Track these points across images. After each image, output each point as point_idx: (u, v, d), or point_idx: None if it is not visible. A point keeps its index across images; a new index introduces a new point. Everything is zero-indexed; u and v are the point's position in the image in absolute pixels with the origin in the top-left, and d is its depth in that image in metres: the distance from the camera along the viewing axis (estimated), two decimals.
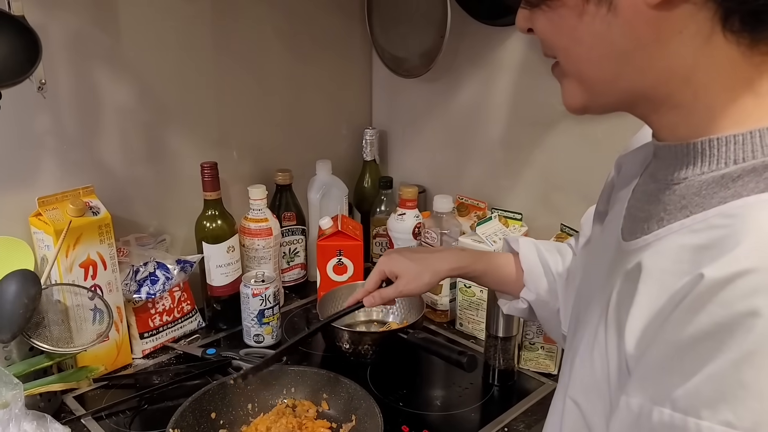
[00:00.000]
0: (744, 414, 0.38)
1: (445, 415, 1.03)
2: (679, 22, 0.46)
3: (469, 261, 0.90)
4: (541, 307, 0.87)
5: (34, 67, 0.69)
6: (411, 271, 0.90)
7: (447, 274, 0.91)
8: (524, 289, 0.88)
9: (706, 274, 0.41)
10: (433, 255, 0.91)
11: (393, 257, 0.93)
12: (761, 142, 0.46)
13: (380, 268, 0.93)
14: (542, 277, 0.87)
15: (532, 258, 0.88)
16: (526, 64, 1.25)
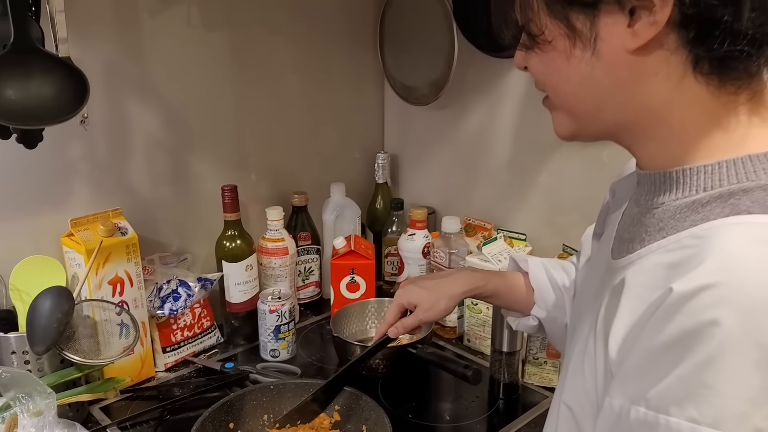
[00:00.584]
0: (706, 411, 0.43)
1: (452, 426, 1.09)
2: (655, 65, 0.52)
3: (482, 282, 0.94)
4: (551, 323, 0.92)
5: (81, 106, 0.76)
6: (427, 299, 0.94)
7: (461, 297, 0.95)
8: (535, 307, 0.92)
9: (675, 288, 0.46)
10: (446, 280, 0.95)
11: (408, 289, 0.97)
12: (727, 172, 0.52)
13: (398, 301, 0.96)
14: (551, 294, 0.91)
15: (541, 277, 0.92)
16: (529, 92, 1.31)
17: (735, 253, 0.45)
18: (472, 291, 0.94)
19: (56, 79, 0.76)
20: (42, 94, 0.75)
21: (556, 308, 0.91)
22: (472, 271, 0.98)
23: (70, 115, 0.77)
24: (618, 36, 0.51)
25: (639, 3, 0.49)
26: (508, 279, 0.96)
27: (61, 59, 0.77)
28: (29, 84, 0.74)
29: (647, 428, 0.46)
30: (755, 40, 0.49)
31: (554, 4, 0.52)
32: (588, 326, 0.61)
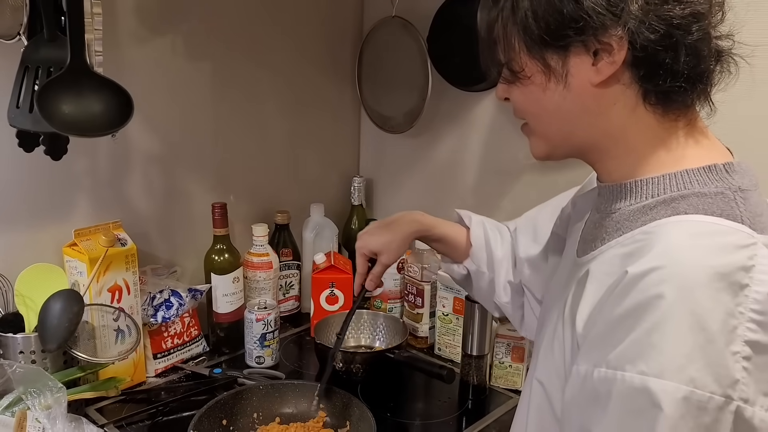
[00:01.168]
0: (652, 365, 0.55)
1: (427, 423, 1.19)
2: (614, 96, 0.65)
3: (429, 226, 1.06)
4: (478, 277, 1.04)
5: (127, 121, 0.86)
6: (385, 244, 1.04)
7: (413, 236, 1.05)
8: (468, 260, 1.04)
9: (630, 270, 0.58)
10: (398, 223, 1.05)
11: (365, 239, 1.06)
12: (669, 183, 0.65)
13: (362, 252, 1.06)
14: (484, 252, 1.04)
15: (480, 235, 1.05)
16: (495, 123, 1.45)
17: (675, 243, 0.58)
18: (421, 232, 1.05)
19: (103, 97, 0.86)
20: (91, 109, 0.85)
21: (486, 265, 1.03)
22: (422, 215, 1.08)
23: (116, 129, 0.86)
24: (585, 72, 0.64)
25: (601, 46, 0.62)
26: (452, 229, 1.08)
27: (109, 80, 0.87)
28: (81, 101, 0.84)
29: (607, 384, 0.57)
30: (690, 78, 0.63)
31: (533, 47, 0.64)
32: (557, 314, 0.73)
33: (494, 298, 1.04)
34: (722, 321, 0.54)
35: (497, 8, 0.67)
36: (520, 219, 1.07)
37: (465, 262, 1.05)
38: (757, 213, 0.62)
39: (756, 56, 0.67)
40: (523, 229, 1.04)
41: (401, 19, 1.47)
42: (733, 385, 0.53)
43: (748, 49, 0.66)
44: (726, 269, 0.55)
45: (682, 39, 0.61)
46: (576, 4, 0.60)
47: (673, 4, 0.60)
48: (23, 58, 0.88)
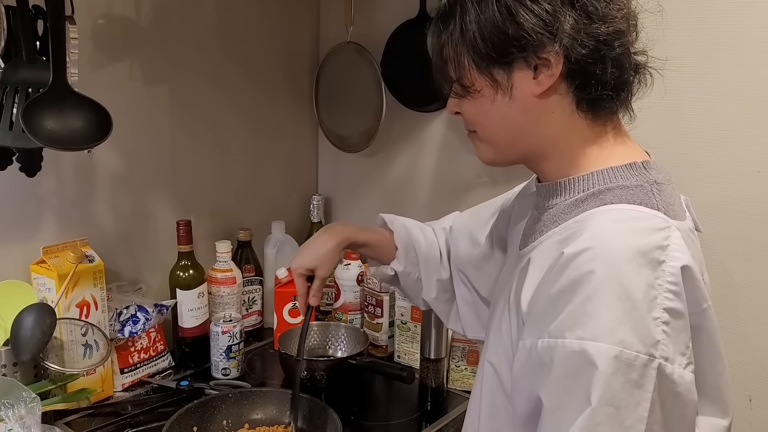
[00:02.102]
0: (588, 330, 0.63)
1: (389, 424, 1.26)
2: (552, 105, 0.74)
3: (352, 233, 1.11)
4: (405, 277, 1.11)
5: (107, 136, 0.91)
6: (317, 259, 1.07)
7: (340, 246, 1.08)
8: (394, 262, 1.10)
9: (565, 251, 0.67)
10: (323, 236, 1.10)
11: (297, 259, 1.09)
12: (597, 178, 0.74)
13: (298, 272, 1.08)
14: (410, 252, 1.11)
15: (404, 237, 1.12)
16: (446, 142, 1.55)
17: (603, 227, 0.68)
18: (347, 240, 1.09)
19: (83, 114, 0.91)
20: (73, 125, 0.90)
21: (412, 265, 1.10)
22: (344, 225, 1.14)
23: (98, 142, 0.91)
24: (527, 85, 0.73)
25: (540, 62, 0.71)
26: (377, 234, 1.14)
27: (88, 98, 0.92)
28: (62, 117, 0.89)
29: (550, 352, 0.66)
30: (615, 87, 0.73)
31: (481, 64, 0.73)
32: (503, 302, 0.81)
33: (422, 294, 1.12)
34: (644, 291, 0.63)
35: (447, 31, 0.76)
36: (451, 223, 1.14)
37: (392, 264, 1.11)
38: (670, 203, 0.72)
39: (667, 69, 0.78)
40: (459, 235, 1.12)
41: (356, 44, 1.56)
42: (655, 345, 0.63)
43: (660, 63, 0.77)
44: (646, 248, 0.65)
45: (608, 53, 0.71)
46: (517, 26, 0.70)
47: (599, 23, 0.70)
48: (2, 79, 0.93)
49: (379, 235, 1.14)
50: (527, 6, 0.69)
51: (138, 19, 1.36)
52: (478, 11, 0.71)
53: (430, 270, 1.10)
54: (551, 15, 0.69)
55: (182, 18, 1.43)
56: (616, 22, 0.71)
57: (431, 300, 1.12)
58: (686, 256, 0.67)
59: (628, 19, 0.74)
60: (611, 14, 0.71)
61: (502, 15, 0.70)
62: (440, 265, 1.11)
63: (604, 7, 0.71)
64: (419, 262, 1.10)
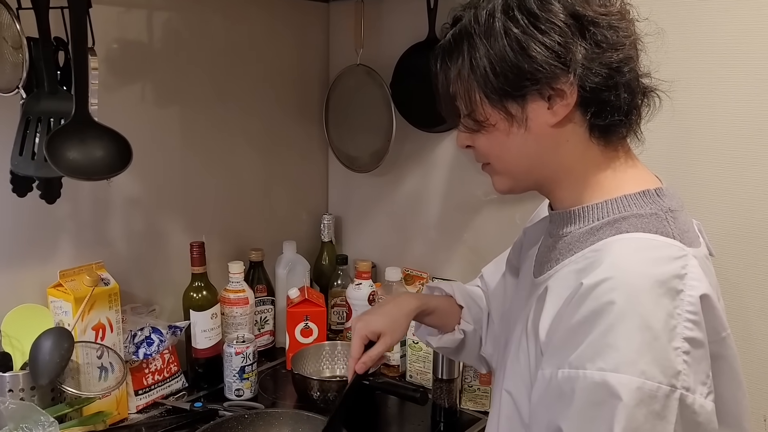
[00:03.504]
0: (609, 361, 0.64)
1: None
2: (566, 134, 0.76)
3: (425, 300, 1.06)
4: (472, 335, 1.08)
5: (127, 165, 0.93)
6: (389, 324, 0.99)
7: (414, 313, 1.02)
8: (463, 322, 1.07)
9: (584, 282, 0.68)
10: (397, 302, 1.05)
11: (365, 319, 1.01)
12: (611, 207, 0.75)
13: (360, 333, 0.99)
14: (474, 309, 1.08)
15: (465, 296, 1.09)
16: (456, 162, 1.56)
17: (621, 257, 0.69)
18: (420, 307, 1.03)
19: (104, 144, 0.93)
20: (94, 155, 0.92)
21: (476, 322, 1.08)
22: (413, 293, 1.12)
23: (118, 172, 0.93)
24: (542, 116, 0.74)
25: (554, 92, 0.72)
26: (440, 299, 1.09)
27: (109, 128, 0.94)
28: (84, 147, 0.90)
29: (570, 383, 0.66)
30: (627, 112, 0.74)
31: (494, 98, 0.74)
32: (520, 330, 0.82)
33: (481, 351, 1.07)
34: (664, 321, 0.64)
35: (455, 67, 0.76)
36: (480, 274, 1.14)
37: (460, 326, 1.06)
38: (685, 230, 0.73)
39: (674, 90, 0.79)
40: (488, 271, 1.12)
41: (365, 66, 1.58)
42: (676, 376, 0.63)
43: (667, 85, 0.78)
44: (664, 277, 0.66)
45: (620, 79, 0.72)
46: (530, 59, 0.71)
47: (610, 51, 0.72)
48: (25, 110, 0.95)
49: (444, 299, 1.09)
50: (538, 39, 0.70)
51: (150, 43, 1.38)
52: (487, 46, 0.72)
53: (487, 324, 1.08)
54: (563, 46, 0.70)
55: (193, 41, 1.45)
56: (625, 49, 0.73)
57: (488, 355, 1.08)
58: (704, 285, 0.68)
59: (635, 44, 0.75)
60: (620, 41, 0.72)
61: (513, 49, 0.71)
62: (490, 318, 1.09)
63: (613, 35, 0.72)
64: (482, 317, 1.07)
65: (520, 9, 0.71)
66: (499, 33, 0.71)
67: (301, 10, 1.68)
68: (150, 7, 1.37)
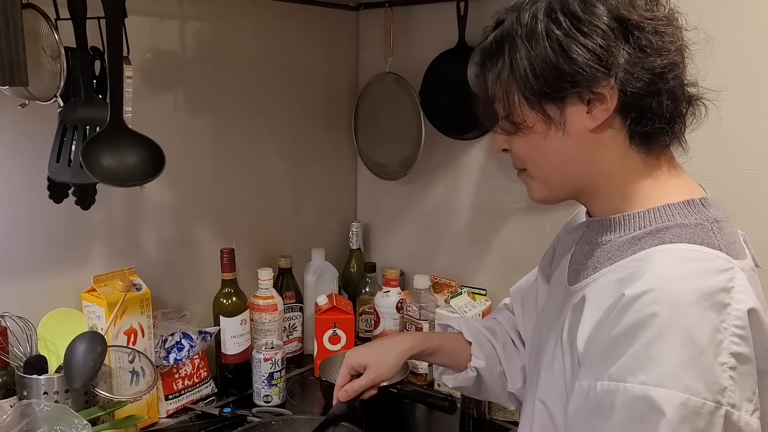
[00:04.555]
0: (651, 375, 0.62)
1: None
2: (605, 140, 0.74)
3: (424, 339, 1.06)
4: (488, 372, 1.04)
5: (160, 171, 0.94)
6: (377, 359, 1.00)
7: (408, 352, 1.02)
8: (473, 359, 1.03)
9: (626, 293, 0.66)
10: (392, 339, 1.05)
11: (356, 350, 1.05)
12: (654, 216, 0.73)
13: (347, 362, 1.01)
14: (485, 345, 1.05)
15: (475, 332, 1.06)
16: (485, 169, 1.55)
17: (665, 268, 0.67)
18: (418, 347, 1.03)
19: (137, 151, 0.95)
20: (128, 162, 0.94)
21: (491, 358, 1.04)
22: (414, 332, 1.09)
23: (151, 178, 0.95)
24: (580, 120, 0.73)
25: (594, 96, 0.71)
26: (446, 337, 1.08)
27: (143, 135, 0.96)
28: (118, 155, 0.93)
29: (610, 396, 0.65)
30: (670, 120, 0.73)
31: (532, 100, 0.73)
32: (554, 339, 0.80)
33: (508, 387, 1.03)
34: (710, 335, 0.62)
35: (495, 69, 0.75)
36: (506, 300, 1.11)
37: (471, 363, 1.03)
38: (731, 241, 0.71)
39: (721, 99, 0.77)
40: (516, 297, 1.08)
41: (395, 74, 1.58)
42: (722, 392, 0.61)
43: (714, 94, 0.76)
44: (710, 290, 0.64)
45: (663, 86, 0.71)
46: (571, 61, 0.70)
47: (653, 56, 0.70)
48: (62, 118, 0.97)
49: (450, 337, 1.07)
50: (580, 41, 0.69)
51: (183, 53, 1.40)
52: (528, 48, 0.71)
53: (510, 357, 1.03)
54: (605, 50, 0.69)
55: (224, 50, 1.47)
56: (670, 55, 0.71)
57: (518, 390, 1.03)
58: (752, 298, 0.66)
59: (681, 51, 0.73)
60: (665, 47, 0.71)
61: (554, 51, 0.70)
62: (517, 349, 1.05)
63: (658, 40, 0.70)
64: (497, 353, 1.04)
65: (563, 11, 0.70)
66: (540, 35, 0.71)
67: (331, 18, 1.69)
68: (182, 17, 1.39)
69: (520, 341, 1.05)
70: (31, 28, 0.93)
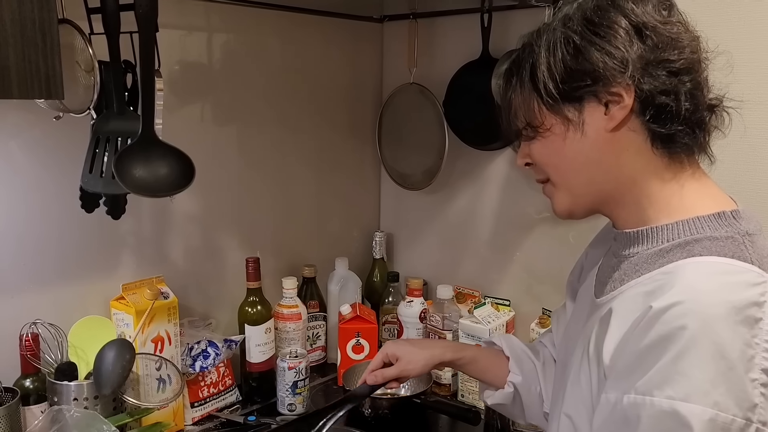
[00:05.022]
0: (679, 390, 0.62)
1: None
2: (625, 141, 0.74)
3: (460, 348, 1.08)
4: (526, 390, 1.03)
5: (190, 182, 0.96)
6: (410, 354, 1.05)
7: (441, 357, 1.05)
8: (511, 374, 1.03)
9: (654, 305, 0.66)
10: (429, 342, 1.08)
11: (397, 342, 1.10)
12: (683, 228, 0.73)
13: (384, 350, 1.07)
14: (524, 362, 1.05)
15: (515, 347, 1.07)
16: (508, 180, 1.55)
17: (694, 281, 0.66)
18: (452, 354, 1.05)
19: (168, 162, 0.97)
20: (158, 173, 0.96)
21: (529, 376, 1.03)
22: (452, 341, 1.11)
23: (181, 189, 0.97)
24: (598, 120, 0.73)
25: (611, 96, 0.72)
26: (483, 350, 1.09)
27: (173, 147, 0.98)
28: (149, 166, 0.95)
29: (636, 409, 0.64)
30: (690, 122, 0.72)
31: (550, 102, 0.74)
32: (581, 352, 0.79)
33: (544, 408, 1.02)
34: (741, 350, 0.61)
35: (517, 77, 0.77)
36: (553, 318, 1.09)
37: (509, 378, 1.03)
38: (764, 255, 0.70)
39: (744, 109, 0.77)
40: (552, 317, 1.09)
41: (418, 85, 1.59)
42: (752, 409, 0.60)
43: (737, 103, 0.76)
44: (741, 304, 0.63)
45: (680, 85, 0.71)
46: (586, 61, 0.71)
47: (669, 52, 0.71)
48: (95, 130, 1.00)
49: (487, 351, 1.08)
50: (595, 43, 0.71)
51: (210, 64, 1.43)
52: (547, 53, 0.73)
53: (549, 378, 1.02)
54: (620, 49, 0.70)
55: (251, 61, 1.49)
56: (684, 54, 0.72)
57: None
58: None
59: (698, 53, 0.74)
60: (680, 47, 0.72)
61: (570, 54, 0.72)
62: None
63: (672, 41, 0.71)
64: (537, 371, 1.03)
65: (581, 21, 0.73)
66: (558, 40, 0.73)
67: (356, 30, 1.71)
68: (210, 30, 1.41)
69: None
70: (67, 42, 0.96)
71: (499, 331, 1.43)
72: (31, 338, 1.13)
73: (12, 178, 1.16)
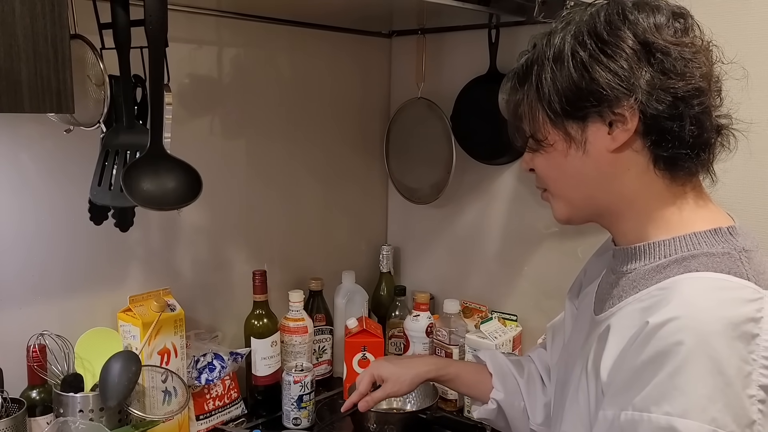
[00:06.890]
0: (676, 406, 0.62)
1: None
2: (627, 162, 0.74)
3: (444, 364, 1.10)
4: (509, 406, 1.05)
5: (197, 196, 0.97)
6: (395, 374, 1.09)
7: (425, 375, 1.09)
8: (494, 390, 1.05)
9: (650, 321, 0.66)
10: (415, 360, 1.10)
11: (380, 363, 1.13)
12: (680, 244, 0.73)
13: (370, 371, 1.11)
14: (507, 379, 1.06)
15: (498, 363, 1.08)
16: (516, 195, 1.55)
17: (691, 296, 0.66)
18: (436, 371, 1.08)
19: (176, 176, 0.98)
20: (166, 186, 0.97)
21: (513, 393, 1.05)
22: (436, 356, 1.14)
23: (188, 202, 0.97)
24: (601, 140, 0.73)
25: (615, 117, 0.72)
26: (467, 365, 1.11)
27: (181, 161, 0.99)
28: (157, 179, 0.96)
29: (634, 426, 0.64)
30: (694, 146, 0.72)
31: (555, 118, 0.75)
32: (579, 369, 0.79)
33: (530, 424, 1.04)
34: (738, 366, 0.61)
35: (523, 89, 0.78)
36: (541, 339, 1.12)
37: (492, 394, 1.06)
38: (760, 271, 0.70)
39: (751, 131, 0.77)
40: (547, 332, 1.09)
41: (426, 100, 1.60)
42: (750, 426, 0.60)
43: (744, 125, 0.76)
44: (738, 320, 0.63)
45: (686, 110, 0.71)
46: (592, 81, 0.71)
47: (676, 79, 0.71)
48: (105, 143, 1.01)
49: (471, 367, 1.11)
50: (603, 63, 0.71)
51: (219, 78, 1.44)
52: (554, 68, 0.73)
53: (532, 393, 1.05)
54: (627, 71, 0.70)
55: (260, 75, 1.50)
56: (694, 80, 0.71)
57: (539, 427, 1.04)
58: None
59: (708, 79, 0.73)
60: (690, 72, 0.71)
61: (577, 71, 0.72)
62: (543, 386, 1.06)
63: (683, 65, 0.71)
64: (520, 388, 1.05)
65: (590, 34, 0.72)
66: (566, 55, 0.72)
67: (364, 45, 1.72)
68: (220, 44, 1.43)
69: (549, 378, 1.05)
70: (78, 57, 0.97)
71: (505, 346, 1.42)
72: (38, 349, 1.14)
73: (22, 189, 1.17)
